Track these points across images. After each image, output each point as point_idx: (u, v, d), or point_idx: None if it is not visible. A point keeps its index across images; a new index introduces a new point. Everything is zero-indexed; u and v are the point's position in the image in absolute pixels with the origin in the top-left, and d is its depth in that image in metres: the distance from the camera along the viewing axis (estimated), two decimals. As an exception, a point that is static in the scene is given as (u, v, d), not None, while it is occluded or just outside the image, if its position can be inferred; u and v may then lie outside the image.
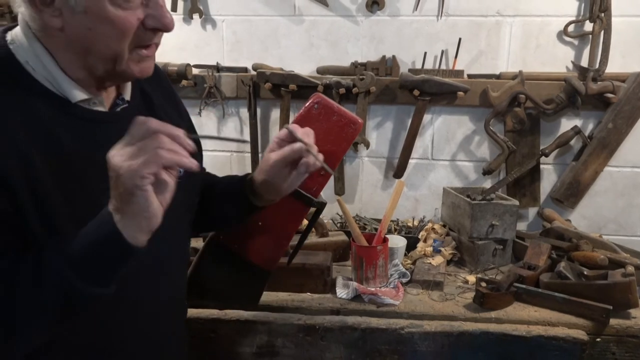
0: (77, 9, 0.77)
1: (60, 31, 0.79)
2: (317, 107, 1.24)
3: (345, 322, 1.36)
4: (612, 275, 1.40)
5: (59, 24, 0.78)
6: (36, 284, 0.75)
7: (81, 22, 0.78)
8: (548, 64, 1.90)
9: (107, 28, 0.79)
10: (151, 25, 0.83)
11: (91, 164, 0.82)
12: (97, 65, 0.83)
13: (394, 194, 1.54)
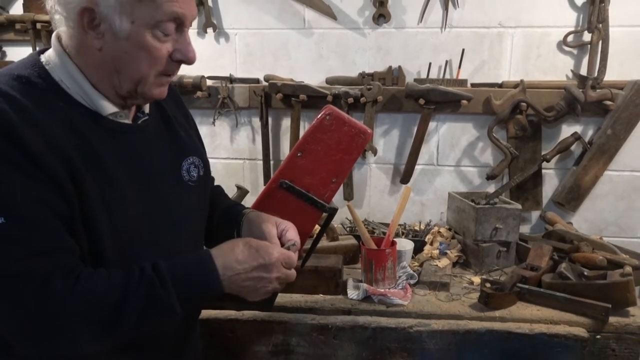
0: (121, 35, 0.86)
1: (98, 51, 0.87)
2: (328, 118, 1.31)
3: (357, 321, 1.42)
4: (611, 276, 1.46)
5: (99, 45, 0.87)
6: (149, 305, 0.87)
7: (120, 46, 0.87)
8: (548, 73, 1.97)
9: (142, 55, 0.89)
10: (177, 58, 0.93)
11: (120, 169, 0.92)
12: (122, 84, 0.92)
13: (402, 199, 1.61)
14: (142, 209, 0.95)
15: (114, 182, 0.91)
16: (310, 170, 1.32)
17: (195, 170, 1.10)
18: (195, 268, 0.94)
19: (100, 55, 0.88)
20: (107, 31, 0.85)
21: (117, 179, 0.92)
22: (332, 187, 1.33)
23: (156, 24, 0.87)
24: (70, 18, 0.85)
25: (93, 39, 0.86)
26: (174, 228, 1.02)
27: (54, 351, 0.85)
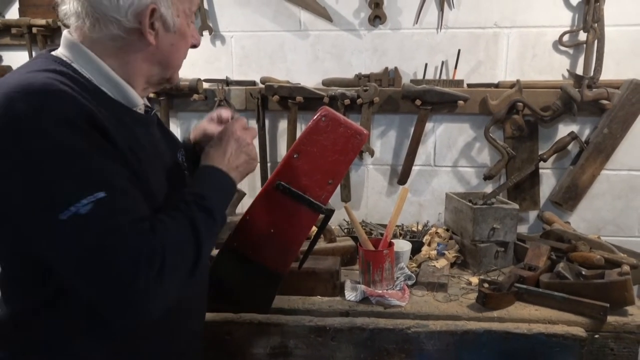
0: (171, 29, 0.96)
1: (147, 47, 0.95)
2: (324, 120, 1.31)
3: (354, 323, 1.42)
4: (608, 275, 1.46)
5: (154, 41, 0.94)
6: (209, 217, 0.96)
7: (169, 39, 0.97)
8: (544, 73, 1.97)
9: (182, 44, 1.01)
10: (192, 43, 1.04)
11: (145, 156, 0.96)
12: (161, 74, 1.01)
13: (399, 200, 1.61)
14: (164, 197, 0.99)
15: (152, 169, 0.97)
16: (306, 171, 1.32)
17: (182, 158, 1.16)
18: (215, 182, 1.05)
19: (151, 50, 0.95)
20: (160, 27, 0.94)
21: (153, 166, 0.98)
22: (328, 189, 1.33)
23: (190, 14, 1.00)
24: (125, 21, 0.90)
25: (148, 36, 0.93)
26: None
27: (172, 290, 0.87)
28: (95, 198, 0.78)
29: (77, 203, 0.77)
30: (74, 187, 0.78)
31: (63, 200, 0.77)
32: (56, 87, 0.82)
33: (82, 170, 0.80)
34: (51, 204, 0.78)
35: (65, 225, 0.77)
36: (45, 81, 0.82)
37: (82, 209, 0.77)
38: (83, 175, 0.80)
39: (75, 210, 0.77)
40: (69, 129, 0.80)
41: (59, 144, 0.78)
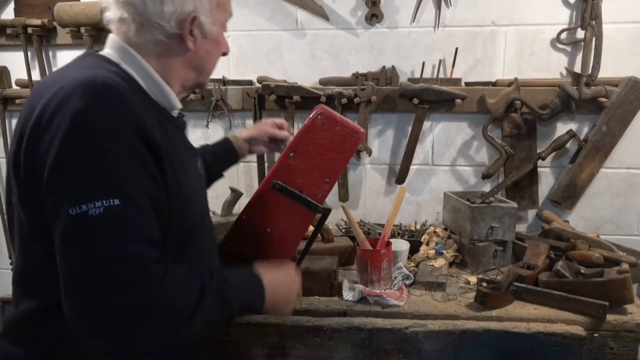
0: (208, 36, 1.02)
1: (185, 52, 1.01)
2: (320, 118, 1.30)
3: (352, 323, 1.41)
4: (607, 273, 1.45)
5: (192, 47, 1.00)
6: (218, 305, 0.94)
7: (205, 45, 1.03)
8: (542, 71, 1.96)
9: (216, 51, 1.08)
10: (223, 51, 1.11)
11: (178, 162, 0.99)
12: (196, 78, 1.08)
13: (397, 199, 1.60)
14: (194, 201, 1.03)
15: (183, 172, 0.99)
16: (303, 170, 1.31)
17: (202, 167, 1.20)
18: (249, 280, 1.06)
19: (189, 55, 1.02)
20: (198, 34, 1.01)
21: (184, 170, 1.00)
22: (325, 188, 1.32)
23: (223, 24, 1.07)
24: (168, 27, 0.96)
25: (188, 42, 0.99)
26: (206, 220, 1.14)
27: (126, 343, 0.84)
28: (108, 203, 0.80)
29: (90, 203, 0.79)
30: (92, 187, 0.80)
31: (78, 196, 0.79)
32: (115, 90, 0.86)
33: (108, 175, 0.82)
34: (67, 197, 0.80)
35: (72, 220, 0.79)
36: (106, 81, 0.86)
37: (93, 210, 0.79)
38: (106, 179, 0.81)
39: (86, 209, 0.79)
40: (114, 135, 0.83)
41: (100, 145, 0.81)
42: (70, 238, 0.80)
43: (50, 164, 0.81)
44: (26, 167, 0.86)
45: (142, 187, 0.85)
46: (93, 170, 0.81)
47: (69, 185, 0.80)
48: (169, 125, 1.00)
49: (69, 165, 0.81)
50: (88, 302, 0.79)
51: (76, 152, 0.81)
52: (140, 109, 0.90)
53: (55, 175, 0.81)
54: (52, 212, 0.82)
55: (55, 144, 0.81)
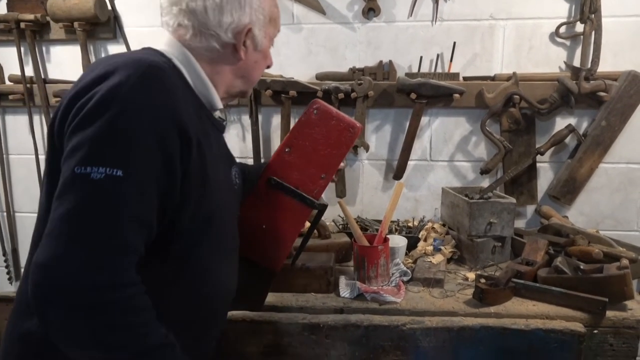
0: (258, 48, 1.08)
1: (237, 60, 1.06)
2: (316, 113, 1.29)
3: (349, 320, 1.39)
4: (607, 269, 1.44)
5: (243, 57, 1.06)
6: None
7: (254, 56, 1.09)
8: (541, 65, 1.94)
9: (263, 63, 1.13)
10: (268, 64, 1.16)
11: (216, 161, 1.03)
12: (241, 86, 1.13)
13: (394, 195, 1.58)
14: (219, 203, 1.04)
15: (216, 172, 1.02)
16: (298, 166, 1.30)
17: (238, 177, 1.21)
18: None
19: (239, 64, 1.07)
20: (250, 46, 1.06)
21: (217, 170, 1.03)
22: (321, 183, 1.31)
23: (272, 39, 1.14)
24: (224, 36, 1.02)
25: (241, 52, 1.05)
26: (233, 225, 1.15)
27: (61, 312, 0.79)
28: (110, 172, 0.81)
29: (95, 167, 0.81)
30: (102, 153, 0.82)
31: (87, 157, 0.81)
32: (159, 72, 0.90)
33: (122, 147, 0.83)
34: (78, 154, 0.82)
35: (75, 177, 0.81)
36: (152, 63, 0.90)
37: (95, 174, 0.80)
38: (118, 150, 0.83)
39: (90, 171, 0.80)
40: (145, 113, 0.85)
41: (127, 118, 0.83)
42: (68, 192, 0.81)
43: (76, 121, 0.84)
44: (58, 133, 0.89)
45: (153, 170, 0.86)
46: (110, 138, 0.82)
47: (83, 145, 0.82)
48: (208, 122, 1.03)
49: (91, 127, 0.82)
50: (59, 251, 0.78)
51: (102, 117, 0.82)
52: (180, 96, 0.93)
53: (75, 132, 0.84)
54: (63, 163, 0.84)
55: (87, 107, 0.84)
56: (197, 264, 1.01)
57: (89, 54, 2.07)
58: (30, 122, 2.14)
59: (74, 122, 0.84)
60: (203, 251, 1.01)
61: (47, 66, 2.15)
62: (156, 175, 0.86)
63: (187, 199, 0.93)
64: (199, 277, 1.02)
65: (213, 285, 1.07)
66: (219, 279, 1.09)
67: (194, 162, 0.92)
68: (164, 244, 0.93)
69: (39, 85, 2.09)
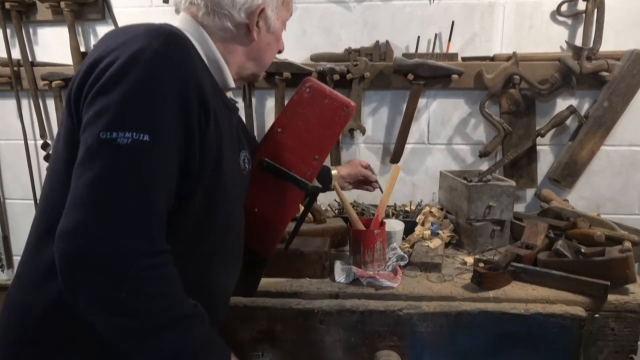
0: (271, 30, 1.07)
1: (249, 42, 1.05)
2: (309, 91, 1.24)
3: (344, 305, 1.36)
4: (609, 252, 1.40)
5: (256, 38, 1.04)
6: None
7: (267, 38, 1.08)
8: (542, 45, 1.89)
9: (275, 45, 1.12)
10: (279, 48, 1.15)
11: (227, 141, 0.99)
12: (253, 69, 1.10)
13: (391, 178, 1.54)
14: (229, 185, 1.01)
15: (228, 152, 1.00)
16: (291, 147, 1.25)
17: (248, 163, 1.17)
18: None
19: (251, 45, 1.06)
20: (262, 27, 1.05)
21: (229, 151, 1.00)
22: (314, 165, 1.26)
23: (285, 22, 1.12)
24: (237, 16, 1.00)
25: (253, 32, 1.03)
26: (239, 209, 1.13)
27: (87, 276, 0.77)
28: (137, 137, 0.79)
29: (121, 132, 0.79)
30: (128, 118, 0.80)
31: (112, 122, 0.79)
32: (182, 39, 0.90)
33: (147, 111, 0.81)
34: (102, 120, 0.79)
35: (100, 143, 0.78)
36: (174, 30, 0.90)
37: (122, 139, 0.78)
38: (144, 115, 0.81)
39: (116, 136, 0.78)
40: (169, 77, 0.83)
41: (151, 82, 0.82)
42: (93, 158, 0.79)
43: (98, 86, 0.81)
44: (75, 100, 0.86)
45: (176, 136, 0.84)
46: (135, 103, 0.81)
47: (108, 110, 0.80)
48: (220, 101, 1.00)
49: (114, 91, 0.80)
50: (88, 218, 0.77)
51: (126, 81, 0.81)
52: (200, 68, 0.92)
53: (95, 99, 0.81)
54: (84, 129, 0.81)
55: (109, 71, 0.82)
56: (204, 245, 0.99)
57: (77, 35, 2.01)
58: (18, 106, 2.09)
59: (95, 87, 0.82)
60: (215, 233, 1.00)
61: (35, 48, 2.09)
62: (178, 143, 0.85)
63: (202, 173, 0.91)
64: (206, 259, 1.01)
65: (218, 267, 1.06)
66: (223, 263, 1.08)
67: (210, 135, 0.91)
68: (177, 222, 0.92)
69: (26, 68, 2.03)
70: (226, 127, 1.00)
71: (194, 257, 0.98)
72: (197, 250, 0.99)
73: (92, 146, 0.79)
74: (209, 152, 0.91)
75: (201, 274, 1.01)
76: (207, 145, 0.90)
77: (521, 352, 1.34)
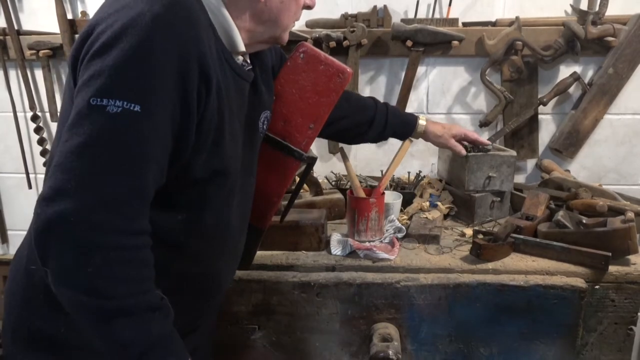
0: None
1: (257, 3, 0.95)
2: (303, 57, 1.19)
3: (341, 278, 1.34)
4: (611, 222, 1.37)
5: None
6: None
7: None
8: (546, 9, 1.82)
9: (292, 4, 0.99)
10: (307, 4, 1.04)
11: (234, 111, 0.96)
12: (270, 32, 1.00)
13: (401, 151, 1.48)
14: (238, 152, 1.00)
15: (232, 122, 0.95)
16: (284, 115, 1.21)
17: (266, 123, 1.14)
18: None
19: (261, 6, 0.95)
20: None
21: (233, 120, 0.96)
22: (309, 134, 1.22)
23: None
24: None
25: None
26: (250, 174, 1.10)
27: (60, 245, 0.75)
28: (128, 107, 0.76)
29: (111, 100, 0.75)
30: (120, 86, 0.76)
31: (103, 89, 0.76)
32: (185, 5, 0.83)
33: (141, 80, 0.77)
34: (93, 85, 0.76)
35: (90, 109, 0.75)
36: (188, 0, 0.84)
37: (112, 107, 0.75)
38: (137, 84, 0.77)
39: (106, 103, 0.75)
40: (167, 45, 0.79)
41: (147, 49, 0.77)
42: (81, 124, 0.75)
43: (92, 52, 0.78)
44: (72, 64, 0.83)
45: (170, 108, 0.80)
46: (130, 70, 0.76)
47: (101, 74, 0.76)
48: (227, 67, 0.94)
49: (109, 56, 0.76)
50: (66, 185, 0.74)
51: (122, 46, 0.76)
52: (205, 33, 0.86)
53: (90, 62, 0.78)
54: (77, 92, 0.78)
55: (105, 34, 0.78)
56: (207, 218, 0.96)
57: (64, 2, 1.93)
58: (5, 76, 2.02)
59: (92, 50, 0.78)
60: (215, 204, 0.97)
61: (20, 16, 2.01)
62: (173, 115, 0.81)
63: (202, 146, 0.87)
64: (209, 232, 0.99)
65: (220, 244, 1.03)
66: (227, 238, 1.05)
67: (211, 106, 0.87)
68: (176, 193, 0.90)
69: (12, 37, 1.96)
70: (234, 96, 0.96)
71: (202, 223, 0.96)
72: (205, 216, 0.96)
73: (82, 111, 0.76)
74: (207, 125, 0.87)
75: (208, 242, 0.99)
76: (207, 117, 0.86)
77: (520, 324, 1.32)
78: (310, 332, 1.37)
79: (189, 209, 0.94)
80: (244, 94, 1.02)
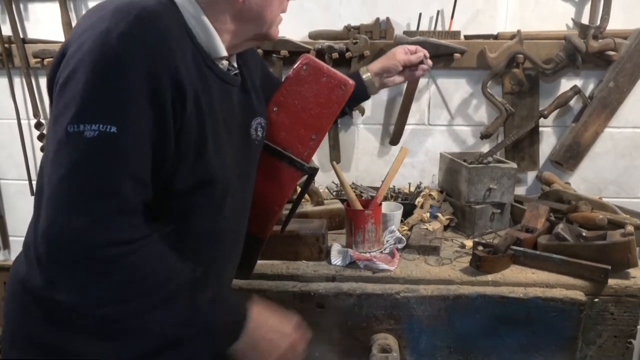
0: None
1: (239, 3, 0.93)
2: (306, 69, 1.20)
3: (341, 288, 1.34)
4: (611, 236, 1.38)
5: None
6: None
7: None
8: (547, 22, 1.83)
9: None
10: None
11: (219, 118, 0.95)
12: (256, 29, 0.98)
13: (396, 161, 1.50)
14: (227, 160, 0.99)
15: (217, 130, 0.94)
16: (287, 126, 1.22)
17: (261, 130, 1.13)
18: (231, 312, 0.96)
19: (239, 6, 0.93)
20: None
21: (219, 128, 0.95)
22: (311, 145, 1.23)
23: None
24: None
25: None
26: (244, 181, 1.10)
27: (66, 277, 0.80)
28: (104, 129, 0.77)
29: (88, 124, 0.77)
30: (94, 109, 0.77)
31: (78, 115, 0.77)
32: (152, 17, 0.82)
33: (113, 100, 0.78)
34: (69, 113, 0.77)
35: (69, 137, 0.77)
36: (145, 6, 0.82)
37: (89, 132, 0.76)
38: (110, 105, 0.78)
39: (83, 129, 0.76)
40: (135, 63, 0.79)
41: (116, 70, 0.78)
42: (62, 152, 0.77)
43: (64, 77, 0.79)
44: (49, 86, 0.86)
45: (146, 124, 0.81)
46: (101, 93, 0.78)
47: (73, 102, 0.77)
48: (210, 74, 0.93)
49: (80, 81, 0.77)
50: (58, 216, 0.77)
51: (90, 71, 0.77)
52: (176, 44, 0.84)
53: (63, 89, 0.79)
54: (52, 122, 0.80)
55: (74, 59, 0.79)
56: (199, 226, 0.98)
57: (69, 11, 1.96)
58: (10, 84, 2.04)
59: (63, 75, 0.80)
60: (205, 212, 0.98)
61: (26, 25, 2.03)
62: (149, 130, 0.82)
63: (183, 156, 0.88)
64: (203, 240, 1.00)
65: (215, 250, 1.04)
66: (222, 243, 1.06)
67: (189, 117, 0.86)
68: (164, 204, 0.91)
69: (17, 45, 1.98)
70: (218, 103, 0.95)
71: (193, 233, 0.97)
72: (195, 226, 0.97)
73: (62, 139, 0.77)
74: (186, 136, 0.87)
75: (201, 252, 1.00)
76: (186, 129, 0.86)
77: (520, 336, 1.33)
78: (310, 342, 1.37)
79: (179, 218, 0.95)
80: (231, 100, 1.02)
